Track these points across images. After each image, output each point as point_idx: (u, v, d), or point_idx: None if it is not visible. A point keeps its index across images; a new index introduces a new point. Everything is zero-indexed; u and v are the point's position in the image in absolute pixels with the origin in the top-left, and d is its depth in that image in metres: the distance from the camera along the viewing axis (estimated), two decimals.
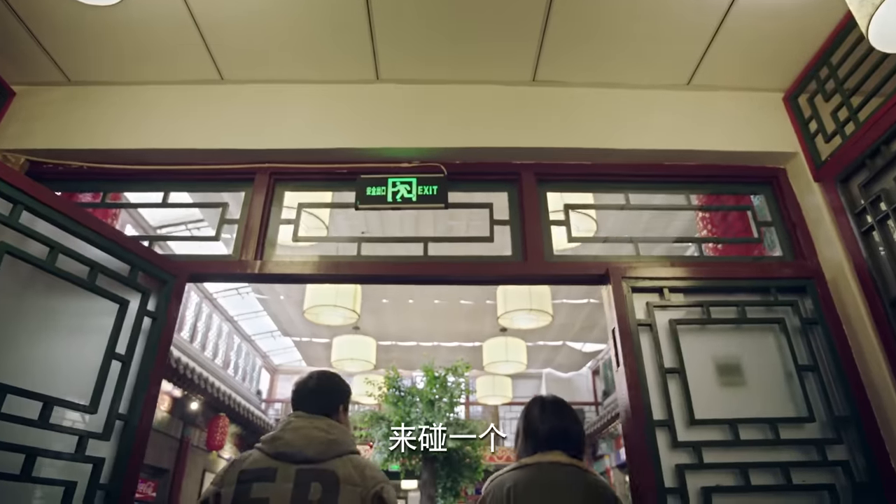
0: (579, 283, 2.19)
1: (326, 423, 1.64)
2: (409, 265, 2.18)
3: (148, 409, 1.88)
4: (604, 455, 11.67)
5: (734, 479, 1.75)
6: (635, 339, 1.89)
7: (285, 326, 12.50)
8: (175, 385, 7.54)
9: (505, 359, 9.10)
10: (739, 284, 2.04)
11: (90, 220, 1.83)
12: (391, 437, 8.20)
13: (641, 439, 1.73)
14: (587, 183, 2.40)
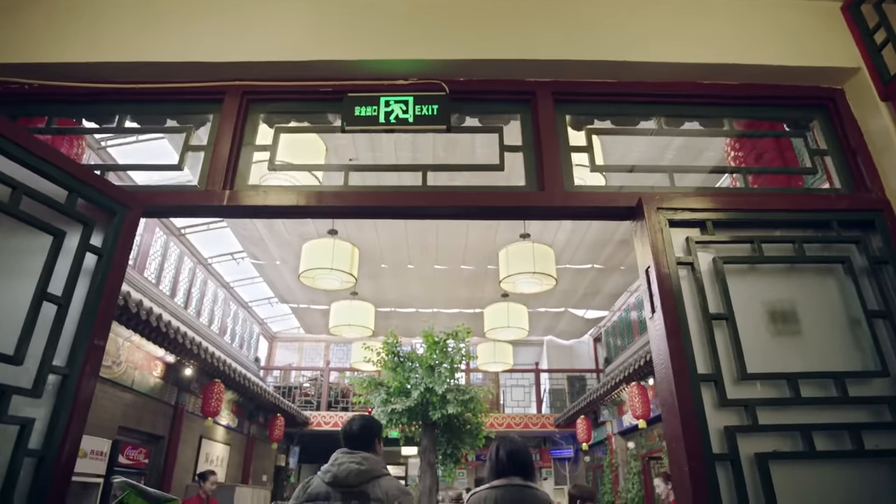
0: (605, 216, 1.86)
1: (361, 456, 2.41)
2: (404, 195, 1.85)
3: (92, 363, 1.58)
4: (605, 422, 11.54)
5: (794, 443, 1.46)
6: (674, 280, 1.58)
7: (282, 293, 12.24)
8: (167, 350, 7.29)
9: (506, 324, 8.84)
10: (795, 218, 1.72)
11: (10, 130, 1.50)
12: (390, 403, 8.00)
13: (683, 397, 1.43)
14: (611, 104, 2.06)
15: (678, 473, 1.41)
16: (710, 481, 1.36)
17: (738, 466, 1.40)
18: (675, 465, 1.45)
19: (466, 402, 7.95)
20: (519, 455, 2.60)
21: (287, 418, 12.14)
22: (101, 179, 1.72)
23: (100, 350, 1.62)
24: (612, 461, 11.25)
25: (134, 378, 7.18)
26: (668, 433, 1.48)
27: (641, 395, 8.59)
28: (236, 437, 10.92)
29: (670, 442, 1.48)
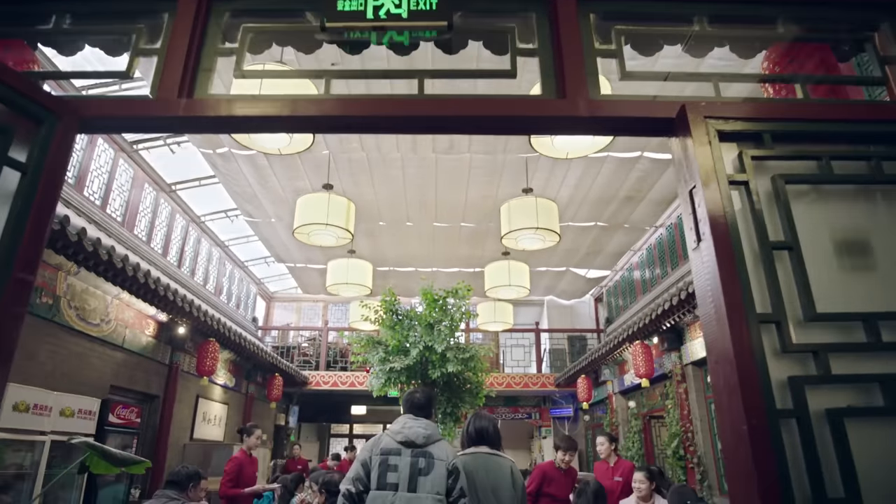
0: (639, 130, 1.56)
1: (426, 423, 3.01)
2: (398, 103, 1.53)
3: (15, 299, 1.30)
4: (606, 381, 11.44)
5: (874, 397, 1.20)
6: (725, 201, 1.29)
7: (278, 252, 11.97)
8: (158, 308, 7.05)
9: (507, 283, 8.60)
10: (872, 130, 1.42)
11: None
12: (388, 361, 7.81)
13: (740, 342, 1.16)
14: (644, 1, 1.72)
15: (732, 434, 1.15)
16: (773, 443, 1.10)
17: (807, 424, 1.14)
18: (727, 425, 1.19)
19: (466, 360, 7.76)
20: (486, 429, 3.23)
21: (285, 378, 12.04)
22: (17, 77, 1.40)
23: (26, 287, 1.34)
24: (613, 420, 11.19)
25: (125, 336, 6.96)
26: (720, 385, 1.22)
27: (645, 354, 8.41)
28: (234, 396, 10.81)
29: (721, 396, 1.22)
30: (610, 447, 5.68)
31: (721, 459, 7.26)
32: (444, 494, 2.84)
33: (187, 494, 3.88)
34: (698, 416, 7.60)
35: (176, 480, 3.89)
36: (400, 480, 2.88)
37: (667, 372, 8.31)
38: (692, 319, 7.63)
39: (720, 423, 1.24)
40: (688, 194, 1.38)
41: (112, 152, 7.83)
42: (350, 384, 12.94)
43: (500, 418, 14.81)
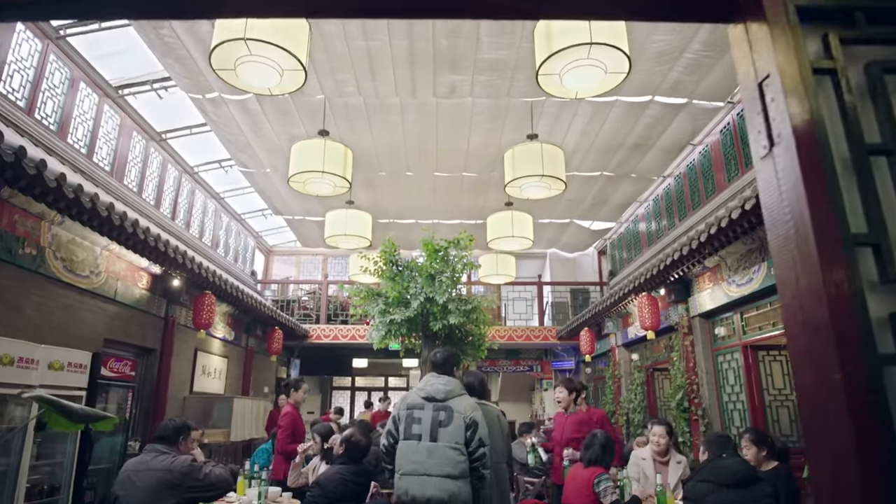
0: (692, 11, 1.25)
1: (447, 379, 3.45)
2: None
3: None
4: (609, 334, 11.33)
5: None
6: (809, 94, 1.01)
7: (275, 204, 11.69)
8: (150, 260, 6.82)
9: (510, 234, 8.34)
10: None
11: None
12: (388, 313, 7.63)
13: (830, 269, 0.91)
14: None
15: (818, 386, 0.91)
16: (874, 395, 0.86)
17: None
18: (808, 375, 0.94)
19: (468, 312, 7.58)
20: (472, 384, 3.85)
21: (286, 331, 11.95)
22: None
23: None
24: (615, 373, 11.14)
25: (116, 289, 6.76)
26: (797, 326, 0.97)
27: (651, 306, 8.23)
28: (234, 349, 10.72)
29: (799, 339, 0.97)
30: (569, 397, 5.30)
31: (726, 411, 7.17)
32: (462, 444, 3.21)
33: (178, 447, 3.73)
34: (704, 368, 7.47)
35: (164, 435, 3.74)
36: (423, 431, 3.30)
37: (673, 324, 8.16)
38: (701, 271, 7.41)
39: (799, 373, 0.99)
40: (756, 88, 1.09)
41: (96, 97, 7.45)
42: (351, 337, 12.87)
43: (502, 371, 14.84)
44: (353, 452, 3.90)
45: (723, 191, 7.97)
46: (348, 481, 3.76)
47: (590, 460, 3.99)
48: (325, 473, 3.81)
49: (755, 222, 5.24)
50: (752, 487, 3.27)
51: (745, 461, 3.49)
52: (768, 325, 6.35)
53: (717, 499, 3.25)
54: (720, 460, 3.44)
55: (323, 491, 3.67)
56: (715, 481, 3.33)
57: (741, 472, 3.32)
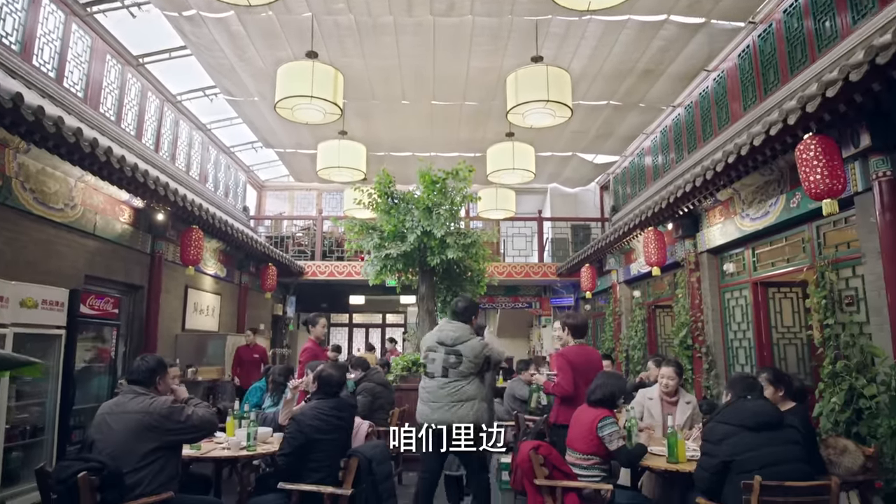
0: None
1: (457, 325, 4.04)
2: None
3: None
4: (611, 270, 11.10)
5: None
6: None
7: (265, 135, 11.16)
8: (130, 192, 6.43)
9: (511, 166, 7.91)
10: None
11: None
12: (383, 248, 7.32)
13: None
14: None
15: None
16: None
17: None
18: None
19: (468, 246, 7.27)
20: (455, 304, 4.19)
21: (280, 268, 11.70)
22: None
23: None
24: (616, 309, 10.99)
25: (95, 223, 6.41)
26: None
27: (658, 241, 7.93)
28: (226, 286, 10.50)
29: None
30: (565, 334, 4.64)
31: (731, 349, 7.01)
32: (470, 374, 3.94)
33: (156, 388, 3.48)
34: (710, 305, 7.26)
35: (138, 379, 3.48)
36: (436, 370, 3.98)
37: (679, 260, 7.88)
38: (712, 204, 7.07)
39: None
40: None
41: (62, 15, 6.82)
42: (347, 274, 12.65)
43: (500, 307, 14.75)
44: (326, 387, 3.69)
45: (737, 120, 7.49)
46: (325, 415, 3.56)
47: (595, 401, 3.77)
48: (300, 409, 3.60)
49: (779, 150, 4.84)
50: (775, 432, 3.04)
51: (771, 404, 3.24)
52: (781, 262, 6.07)
53: (737, 442, 3.02)
54: (743, 402, 3.21)
55: (299, 427, 3.47)
56: (735, 423, 3.10)
57: (765, 414, 3.08)
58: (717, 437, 3.11)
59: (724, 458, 3.02)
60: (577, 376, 4.24)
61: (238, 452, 3.85)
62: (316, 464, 3.48)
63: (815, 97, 4.04)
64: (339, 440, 3.60)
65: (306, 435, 3.45)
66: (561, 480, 3.55)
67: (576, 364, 4.29)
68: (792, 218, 5.53)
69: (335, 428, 3.59)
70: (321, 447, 3.48)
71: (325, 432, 3.52)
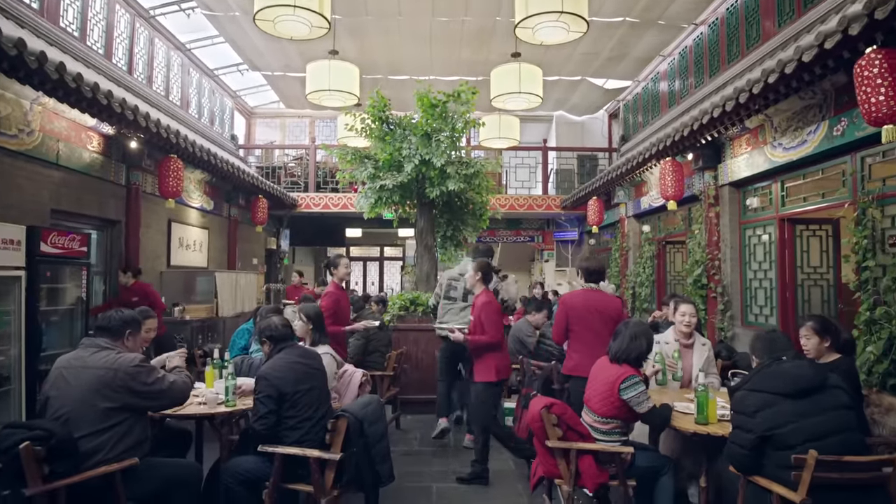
0: None
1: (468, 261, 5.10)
2: None
3: None
4: (619, 204, 10.55)
5: None
6: None
7: (250, 56, 10.27)
8: (92, 115, 5.76)
9: (517, 90, 7.20)
10: None
11: None
12: (378, 178, 6.74)
13: None
14: None
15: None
16: None
17: None
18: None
19: (470, 177, 6.68)
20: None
21: (272, 200, 11.14)
22: None
23: None
24: (623, 245, 10.53)
25: (59, 151, 5.80)
26: None
27: (675, 173, 7.33)
28: (214, 220, 9.97)
29: None
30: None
31: (749, 289, 6.58)
32: None
33: (123, 342, 3.04)
34: (729, 242, 6.77)
35: (107, 326, 3.03)
36: (458, 296, 5.18)
37: (697, 193, 7.32)
38: (738, 132, 6.43)
39: None
40: None
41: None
42: (342, 206, 12.10)
43: (501, 241, 14.30)
44: (278, 339, 3.32)
45: (769, 39, 6.70)
46: (296, 364, 3.18)
47: (618, 355, 3.34)
48: (268, 364, 3.18)
49: (832, 68, 4.19)
50: (819, 396, 2.61)
51: (811, 364, 2.79)
52: (815, 197, 5.52)
53: (777, 413, 2.59)
54: (778, 364, 2.75)
55: (270, 382, 3.07)
56: (771, 390, 2.65)
57: (805, 378, 2.64)
58: (750, 408, 2.67)
59: (761, 433, 2.59)
60: (577, 323, 4.10)
61: (215, 409, 3.45)
62: (294, 420, 3.10)
63: (888, 1, 3.37)
64: (315, 390, 3.21)
65: (279, 389, 3.06)
66: (576, 442, 3.17)
67: (575, 310, 4.12)
68: (834, 148, 4.94)
69: (308, 377, 3.20)
70: (298, 401, 3.10)
71: (299, 383, 3.13)
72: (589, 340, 4.03)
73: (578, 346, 4.10)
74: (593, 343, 3.96)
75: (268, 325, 3.34)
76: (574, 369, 4.06)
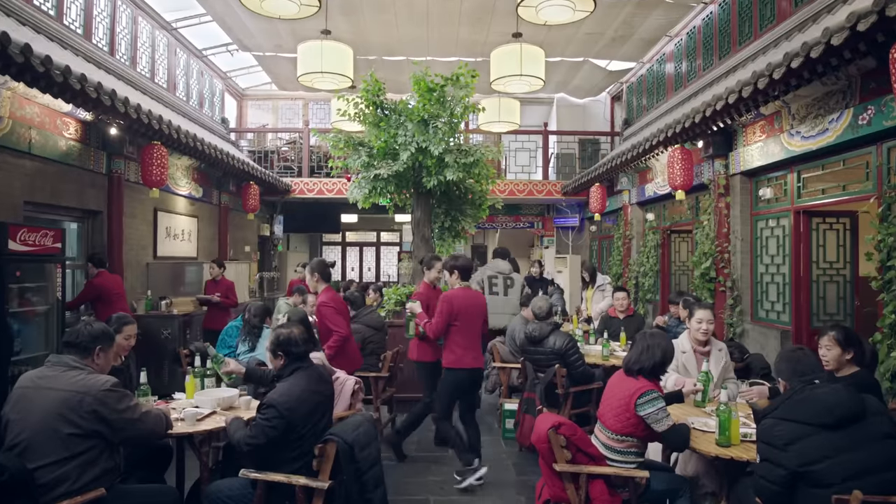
0: None
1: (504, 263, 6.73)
2: None
3: None
4: (623, 191, 10.23)
5: None
6: None
7: (238, 35, 9.83)
8: (70, 103, 5.39)
9: (518, 73, 6.84)
10: None
11: None
12: (372, 167, 6.40)
13: None
14: None
15: None
16: None
17: None
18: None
19: (469, 165, 6.34)
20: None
21: (264, 186, 10.78)
22: None
23: None
24: (626, 233, 10.23)
25: (31, 139, 5.44)
26: None
27: (684, 161, 7.01)
28: (204, 208, 9.63)
29: None
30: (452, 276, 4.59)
31: (759, 284, 6.31)
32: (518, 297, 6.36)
33: (92, 360, 2.75)
34: (740, 234, 6.48)
35: (75, 342, 2.74)
36: (500, 290, 6.49)
37: (706, 182, 7.01)
38: (753, 119, 6.09)
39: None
40: None
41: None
42: (337, 192, 11.75)
43: (500, 227, 13.99)
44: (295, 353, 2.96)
45: (785, 19, 6.32)
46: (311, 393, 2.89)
47: (630, 366, 3.07)
48: (280, 391, 2.86)
49: (864, 51, 3.85)
50: (859, 425, 2.33)
51: (848, 388, 2.50)
52: (835, 189, 5.22)
53: (811, 446, 2.30)
54: (811, 390, 2.47)
55: (280, 413, 2.76)
56: (804, 420, 2.37)
57: (842, 405, 2.35)
58: (780, 440, 2.37)
59: (794, 469, 2.32)
60: (459, 319, 4.30)
61: (194, 427, 3.17)
62: (297, 451, 2.83)
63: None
64: (324, 419, 2.94)
65: (290, 422, 2.77)
66: (586, 465, 2.91)
67: (459, 309, 4.30)
68: (858, 138, 4.63)
69: (321, 407, 2.92)
70: (306, 434, 2.82)
71: (312, 415, 2.85)
72: (470, 336, 4.35)
73: (461, 341, 4.31)
74: (474, 338, 4.37)
75: (289, 337, 2.95)
76: (456, 362, 4.30)
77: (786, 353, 2.85)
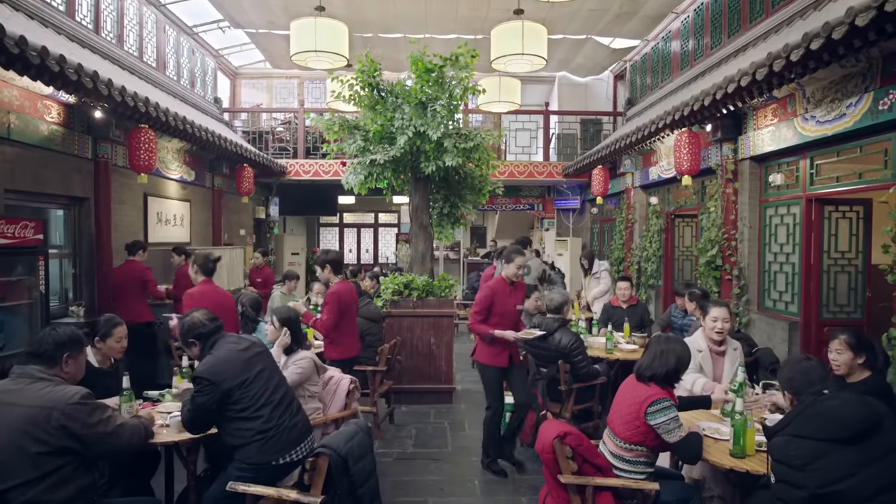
0: None
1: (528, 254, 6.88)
2: None
3: None
4: (625, 173, 10.00)
5: None
6: None
7: (230, 11, 9.47)
8: (50, 86, 5.13)
9: (520, 51, 6.58)
10: None
11: None
12: (368, 152, 6.16)
13: None
14: None
15: None
16: None
17: None
18: None
19: (469, 150, 6.11)
20: None
21: (259, 168, 10.51)
22: None
23: None
24: (629, 216, 10.02)
25: (10, 124, 5.19)
26: None
27: (691, 145, 6.78)
28: (197, 192, 9.38)
29: None
30: None
31: (767, 272, 6.14)
32: None
33: (61, 368, 2.57)
34: (748, 221, 6.28)
35: (39, 352, 2.55)
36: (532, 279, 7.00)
37: (713, 166, 6.78)
38: (765, 101, 5.85)
39: None
40: None
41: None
42: (334, 173, 11.51)
43: (500, 209, 13.78)
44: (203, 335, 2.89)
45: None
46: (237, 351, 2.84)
47: (641, 371, 2.90)
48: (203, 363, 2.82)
49: (891, 32, 3.61)
50: (877, 436, 2.17)
51: (860, 397, 2.32)
52: (851, 176, 5.01)
53: (831, 464, 2.14)
54: (823, 402, 2.29)
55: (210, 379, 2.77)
56: (818, 437, 2.20)
57: (855, 418, 2.18)
58: (796, 460, 2.21)
59: (814, 490, 2.16)
60: (346, 315, 4.50)
61: (180, 435, 3.00)
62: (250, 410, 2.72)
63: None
64: (265, 371, 2.83)
65: (220, 386, 2.67)
66: (594, 477, 2.76)
67: (346, 302, 4.48)
68: (878, 123, 4.40)
69: (251, 363, 2.80)
70: (248, 390, 2.73)
71: (244, 371, 2.75)
72: (353, 329, 4.66)
73: (349, 332, 4.58)
74: (355, 332, 4.71)
75: (191, 324, 2.87)
76: (345, 353, 4.49)
77: (792, 363, 2.69)
